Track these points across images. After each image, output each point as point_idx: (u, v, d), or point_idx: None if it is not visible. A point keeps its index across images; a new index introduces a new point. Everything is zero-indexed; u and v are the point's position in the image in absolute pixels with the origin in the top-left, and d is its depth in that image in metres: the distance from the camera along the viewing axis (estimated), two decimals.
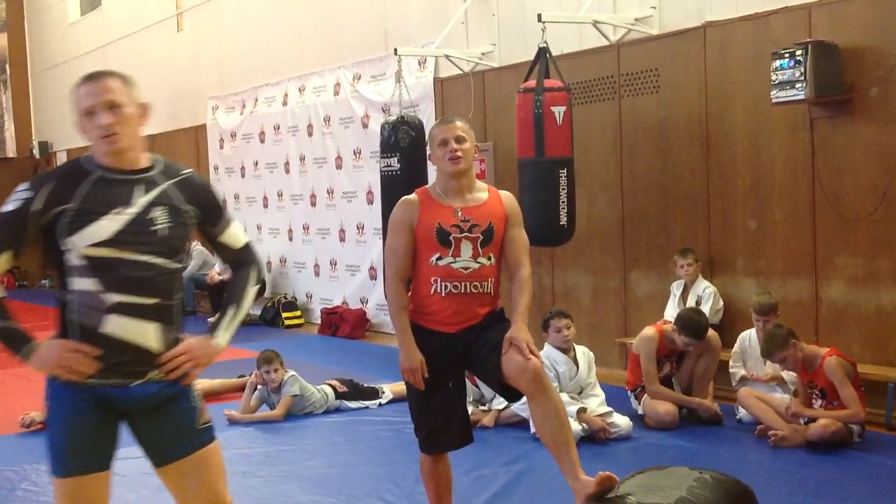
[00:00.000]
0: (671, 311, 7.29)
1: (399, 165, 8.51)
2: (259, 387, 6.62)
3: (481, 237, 3.79)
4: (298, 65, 11.73)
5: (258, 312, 11.90)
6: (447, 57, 9.27)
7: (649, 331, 6.15)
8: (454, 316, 3.80)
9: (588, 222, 8.22)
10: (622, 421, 5.81)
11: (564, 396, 5.74)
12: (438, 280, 3.79)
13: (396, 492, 4.92)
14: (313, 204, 11.62)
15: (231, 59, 13.21)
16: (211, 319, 11.36)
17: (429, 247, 3.79)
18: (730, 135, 7.15)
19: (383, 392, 6.95)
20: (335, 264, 11.31)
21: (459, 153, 3.79)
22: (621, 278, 8.08)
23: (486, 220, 3.82)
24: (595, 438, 5.70)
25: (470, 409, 5.99)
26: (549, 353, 5.90)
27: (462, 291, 3.78)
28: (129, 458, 3.24)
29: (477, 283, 3.79)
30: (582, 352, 6.01)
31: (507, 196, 3.96)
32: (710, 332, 6.28)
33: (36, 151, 19.40)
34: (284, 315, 11.56)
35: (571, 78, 7.84)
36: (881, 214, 6.19)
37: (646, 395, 6.12)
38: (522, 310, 3.80)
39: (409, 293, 3.89)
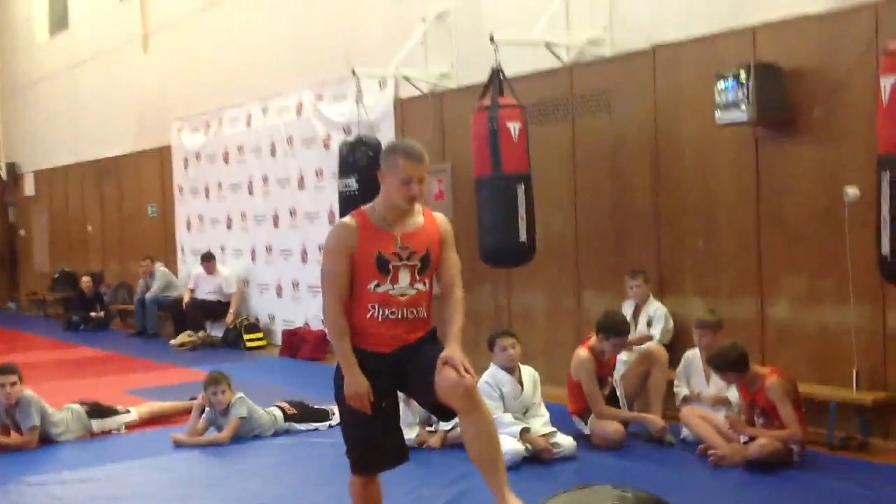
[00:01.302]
0: None
1: (357, 185, 8.49)
2: (207, 409, 6.58)
3: (419, 264, 3.80)
4: (262, 86, 11.74)
5: (220, 335, 11.86)
6: (405, 78, 9.30)
7: (582, 353, 6.13)
8: (391, 339, 3.81)
9: (544, 241, 8.21)
10: (566, 441, 5.81)
11: (508, 416, 5.76)
12: (376, 306, 3.78)
13: None
14: (276, 225, 11.61)
15: (196, 80, 13.20)
16: (173, 342, 11.57)
17: (368, 274, 3.77)
18: (679, 155, 7.20)
19: (333, 413, 6.91)
20: (297, 285, 11.30)
21: (418, 195, 3.79)
22: (575, 297, 8.10)
23: (423, 246, 3.82)
24: (539, 458, 5.70)
25: (416, 430, 6.09)
26: (494, 373, 5.90)
27: (399, 317, 3.80)
28: None
29: (413, 309, 3.82)
30: (527, 372, 6.01)
31: (441, 218, 3.98)
32: (657, 348, 6.30)
33: (3, 173, 19.30)
34: (246, 337, 11.52)
35: (527, 98, 7.88)
36: (824, 234, 6.23)
37: (592, 415, 6.12)
38: (456, 331, 3.83)
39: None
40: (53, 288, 16.63)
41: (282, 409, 6.83)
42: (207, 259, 12.18)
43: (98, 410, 6.94)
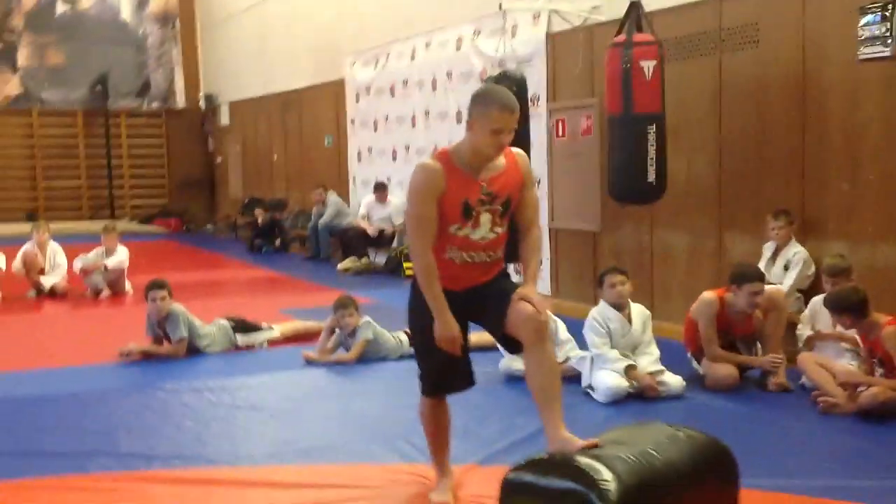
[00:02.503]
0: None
1: None
2: (337, 330, 6.93)
3: (500, 209, 3.83)
4: (427, 20, 11.93)
5: (382, 262, 12.31)
6: (555, 11, 9.25)
7: (708, 295, 6.04)
8: (464, 280, 3.89)
9: (686, 182, 8.10)
10: (673, 380, 5.78)
11: (614, 353, 5.78)
12: (455, 249, 3.85)
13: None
14: None
15: (368, 15, 13.55)
16: (339, 267, 12.13)
17: (452, 218, 3.82)
18: (826, 93, 6.87)
19: None
20: None
21: (504, 143, 3.80)
22: (717, 239, 7.93)
23: (506, 190, 3.84)
24: (644, 396, 5.71)
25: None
26: (602, 310, 5.92)
27: (476, 261, 3.87)
28: None
29: (491, 252, 3.87)
30: (637, 310, 5.99)
31: (521, 157, 3.95)
32: (776, 290, 6.13)
33: (202, 104, 20.48)
34: (405, 265, 11.88)
35: (672, 32, 7.70)
36: None
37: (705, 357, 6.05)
38: (532, 272, 3.90)
39: None
40: (243, 213, 17.61)
41: (407, 334, 7.09)
42: (380, 188, 12.61)
43: (243, 326, 7.42)
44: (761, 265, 7.14)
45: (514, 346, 3.97)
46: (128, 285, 10.32)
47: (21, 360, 7.19)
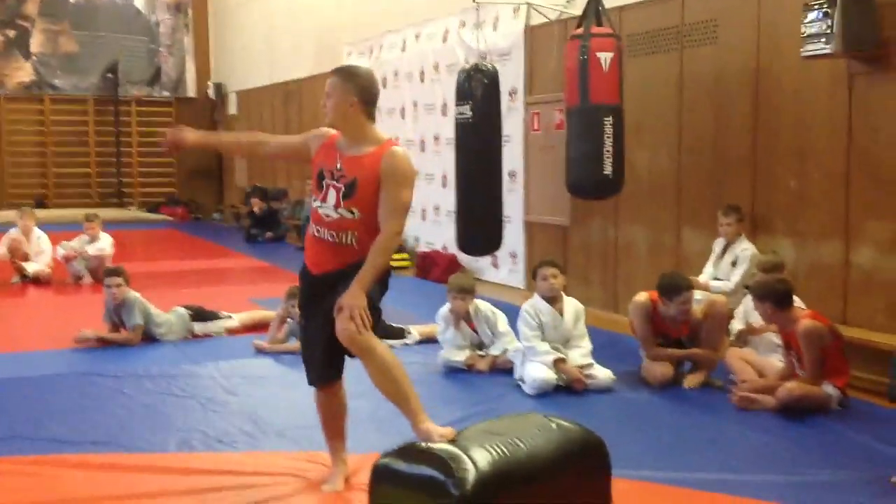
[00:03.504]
0: (709, 270, 7.15)
1: (471, 113, 8.61)
2: (289, 320, 7.02)
3: (343, 188, 3.88)
4: (418, 12, 11.99)
5: None
6: (532, 5, 9.28)
7: (640, 297, 6.05)
8: (315, 257, 3.97)
9: (648, 177, 8.13)
10: (602, 374, 5.83)
11: (544, 346, 5.83)
12: (311, 222, 4.01)
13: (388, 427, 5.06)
14: (422, 150, 11.92)
15: (366, 5, 13.63)
16: None
17: (314, 184, 4.00)
18: (777, 91, 6.87)
19: (409, 333, 7.22)
20: (438, 209, 11.60)
21: (324, 108, 3.97)
22: (675, 234, 7.95)
23: (353, 172, 3.88)
24: (572, 388, 5.76)
25: (466, 353, 6.27)
26: (534, 303, 5.97)
27: (321, 237, 3.93)
28: None
29: (334, 233, 3.89)
30: (570, 303, 6.03)
31: (389, 154, 3.89)
32: (716, 298, 6.16)
33: (211, 92, 20.65)
34: (394, 257, 11.96)
35: (636, 28, 7.70)
36: None
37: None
38: (362, 272, 3.76)
39: None
40: (245, 202, 17.76)
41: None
42: None
43: (201, 314, 7.54)
44: (709, 262, 7.18)
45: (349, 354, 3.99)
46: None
47: None
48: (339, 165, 3.93)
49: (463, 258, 10.79)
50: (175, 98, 20.93)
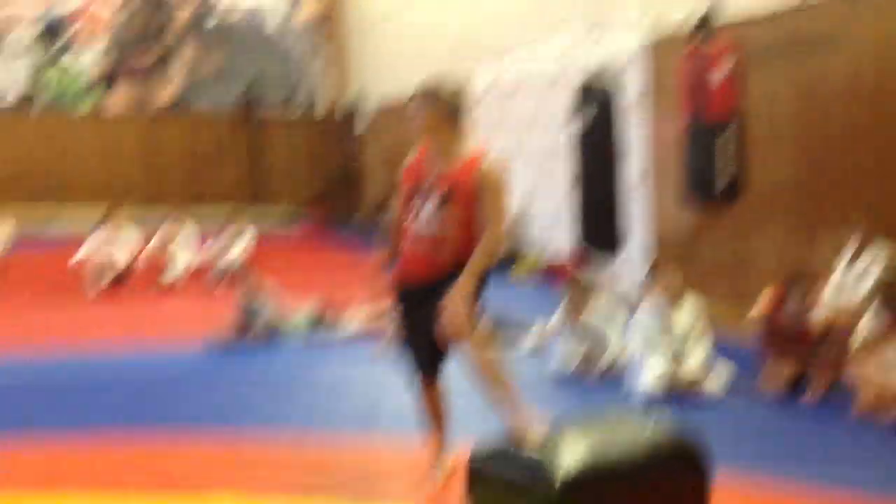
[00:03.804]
0: (836, 279, 6.98)
1: (589, 126, 8.69)
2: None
3: (438, 202, 4.01)
4: (543, 26, 12.13)
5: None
6: (652, 21, 9.30)
7: (763, 298, 6.04)
8: (411, 270, 4.12)
9: (773, 187, 8.01)
10: (716, 380, 5.81)
11: (657, 353, 5.81)
12: (406, 235, 4.14)
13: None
14: (545, 161, 12.02)
15: (493, 20, 13.87)
16: None
17: (408, 201, 4.14)
18: None
19: (527, 335, 7.34)
20: (559, 217, 11.66)
21: (414, 129, 4.12)
22: (802, 244, 7.79)
23: (446, 185, 4.01)
24: (685, 394, 5.75)
25: (580, 357, 6.34)
26: (649, 308, 5.95)
27: (419, 250, 4.07)
28: None
29: (431, 246, 4.03)
30: (687, 309, 6.00)
31: (484, 166, 4.01)
32: (844, 305, 6.04)
33: (344, 110, 21.21)
34: (514, 266, 12.10)
35: (756, 41, 7.63)
36: None
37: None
38: (463, 278, 3.88)
39: None
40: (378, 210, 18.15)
41: None
42: None
43: (325, 316, 7.89)
44: (838, 271, 7.01)
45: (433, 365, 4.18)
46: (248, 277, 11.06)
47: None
48: (431, 180, 4.06)
49: (588, 262, 10.81)
50: (309, 116, 21.60)
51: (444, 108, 4.06)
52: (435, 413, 4.37)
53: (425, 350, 4.23)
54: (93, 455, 4.72)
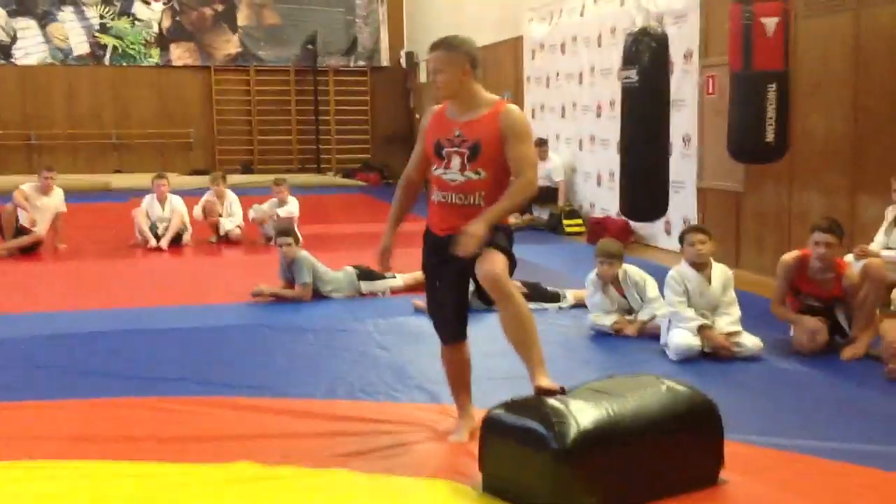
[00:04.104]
0: (880, 238, 6.84)
1: (637, 77, 8.55)
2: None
3: (468, 152, 4.05)
4: None
5: (545, 218, 12.50)
6: None
7: (789, 253, 5.92)
8: (441, 221, 4.15)
9: (824, 141, 7.83)
10: (750, 341, 5.72)
11: (690, 311, 5.78)
12: (434, 188, 4.18)
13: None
14: (598, 115, 11.87)
15: None
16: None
17: (432, 158, 4.17)
18: None
19: (565, 297, 7.30)
20: (613, 175, 11.54)
21: (439, 84, 4.10)
22: (850, 200, 7.63)
23: (475, 135, 4.04)
24: (717, 355, 5.70)
25: (614, 317, 6.32)
26: (681, 269, 5.91)
27: (448, 201, 4.10)
28: None
29: (461, 195, 4.06)
30: (719, 269, 5.93)
31: (506, 113, 4.06)
32: (874, 261, 5.89)
33: (403, 61, 21.19)
34: (566, 222, 12.03)
35: None
36: None
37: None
38: (493, 208, 3.97)
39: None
40: None
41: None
42: (540, 145, 12.74)
43: (367, 274, 7.88)
44: (881, 229, 6.86)
45: (486, 300, 4.11)
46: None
47: (174, 297, 8.03)
48: (457, 132, 4.09)
49: (635, 224, 10.72)
50: (370, 67, 21.61)
51: (466, 59, 4.09)
52: (460, 376, 4.40)
53: (451, 307, 4.26)
54: (117, 418, 4.70)
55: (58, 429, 4.47)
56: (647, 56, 8.50)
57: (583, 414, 3.49)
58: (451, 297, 4.23)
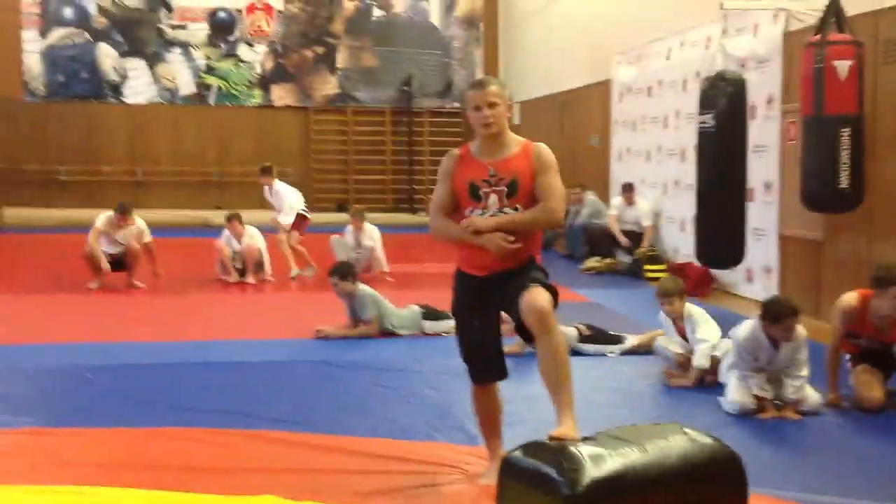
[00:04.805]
0: None
1: (714, 122, 8.45)
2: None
3: (506, 189, 4.08)
4: (683, 19, 11.83)
5: (627, 262, 12.35)
6: (782, 10, 8.94)
7: (848, 295, 5.73)
8: (479, 261, 4.14)
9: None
10: (812, 398, 5.55)
11: (755, 379, 5.57)
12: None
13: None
14: (683, 159, 11.73)
15: (635, 14, 13.61)
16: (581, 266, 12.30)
17: (464, 200, 4.16)
18: None
19: (625, 339, 7.21)
20: None
21: (491, 119, 4.10)
22: None
23: (511, 174, 4.09)
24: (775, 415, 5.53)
25: (679, 348, 6.26)
26: (756, 334, 5.57)
27: None
28: None
29: (502, 233, 4.05)
30: (799, 332, 5.68)
31: (537, 149, 4.16)
32: None
33: None
34: (647, 267, 11.87)
35: (887, 32, 7.22)
36: None
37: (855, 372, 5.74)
38: (512, 215, 4.05)
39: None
40: None
41: (578, 329, 7.24)
42: (627, 190, 12.68)
43: (432, 313, 7.93)
44: None
45: (528, 337, 4.07)
46: (384, 265, 11.29)
47: (247, 331, 8.24)
48: (491, 171, 4.12)
49: (716, 272, 10.52)
50: (465, 109, 21.75)
51: (509, 98, 4.19)
52: (492, 418, 4.41)
53: (491, 348, 4.27)
54: (149, 448, 4.80)
55: (90, 455, 4.63)
56: (723, 101, 8.40)
57: (597, 461, 3.44)
58: (493, 336, 4.25)
